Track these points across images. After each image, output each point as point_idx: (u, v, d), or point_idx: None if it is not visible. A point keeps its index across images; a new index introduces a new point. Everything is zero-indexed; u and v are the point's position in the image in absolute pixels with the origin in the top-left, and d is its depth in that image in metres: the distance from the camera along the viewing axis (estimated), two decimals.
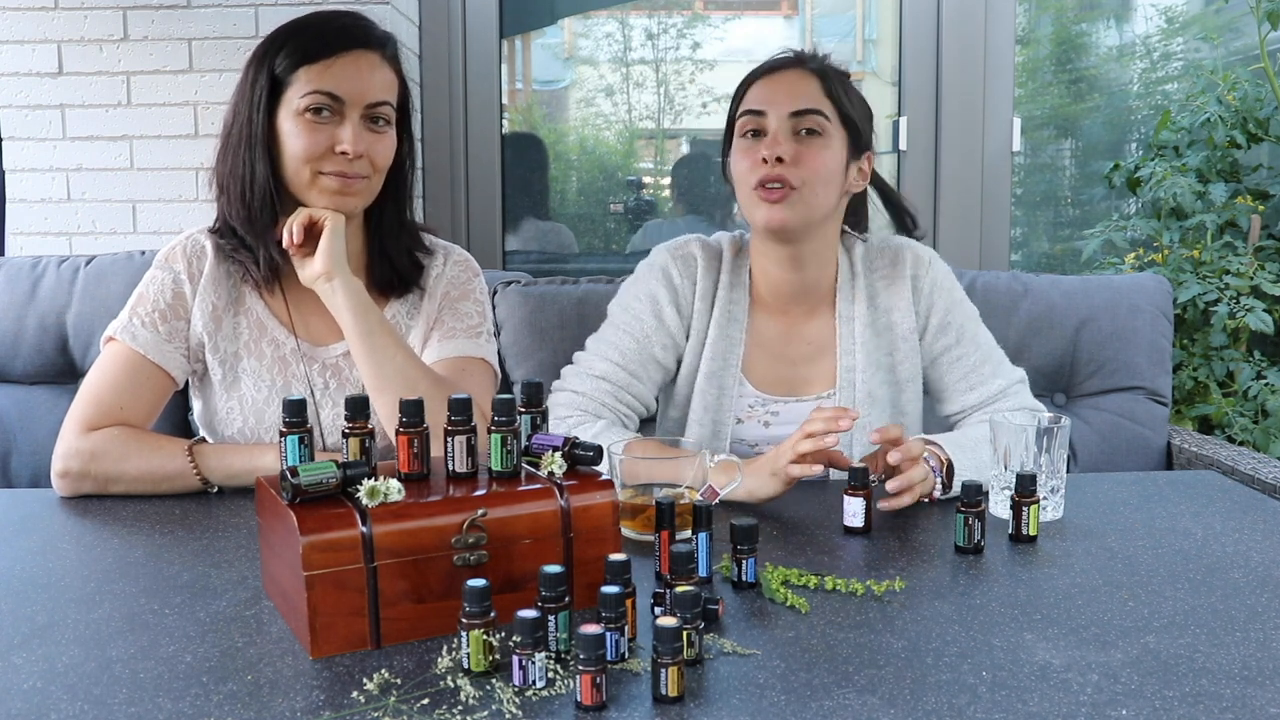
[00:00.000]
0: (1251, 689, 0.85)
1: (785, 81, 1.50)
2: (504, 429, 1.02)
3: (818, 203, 1.48)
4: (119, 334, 1.48)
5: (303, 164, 1.43)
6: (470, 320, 1.56)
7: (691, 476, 1.23)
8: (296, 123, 1.42)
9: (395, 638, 0.94)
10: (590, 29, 3.00)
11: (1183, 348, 2.47)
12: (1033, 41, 3.00)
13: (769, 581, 1.05)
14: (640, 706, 0.82)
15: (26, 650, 0.93)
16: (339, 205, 1.45)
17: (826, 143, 1.47)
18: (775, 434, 1.56)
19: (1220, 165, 2.60)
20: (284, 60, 1.44)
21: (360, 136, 1.43)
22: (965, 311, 1.60)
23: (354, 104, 1.43)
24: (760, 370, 1.58)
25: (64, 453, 1.38)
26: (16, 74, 2.37)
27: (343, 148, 1.42)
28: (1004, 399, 1.55)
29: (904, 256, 1.59)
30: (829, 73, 1.51)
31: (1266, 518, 1.30)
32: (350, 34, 1.45)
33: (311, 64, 1.42)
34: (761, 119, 1.48)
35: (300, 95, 1.42)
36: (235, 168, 1.46)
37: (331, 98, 1.42)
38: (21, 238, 2.41)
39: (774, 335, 1.60)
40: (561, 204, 2.96)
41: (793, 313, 1.60)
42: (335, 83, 1.42)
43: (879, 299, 1.58)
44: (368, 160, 1.45)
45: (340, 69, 1.43)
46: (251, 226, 1.47)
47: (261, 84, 1.44)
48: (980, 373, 1.57)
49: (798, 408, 1.57)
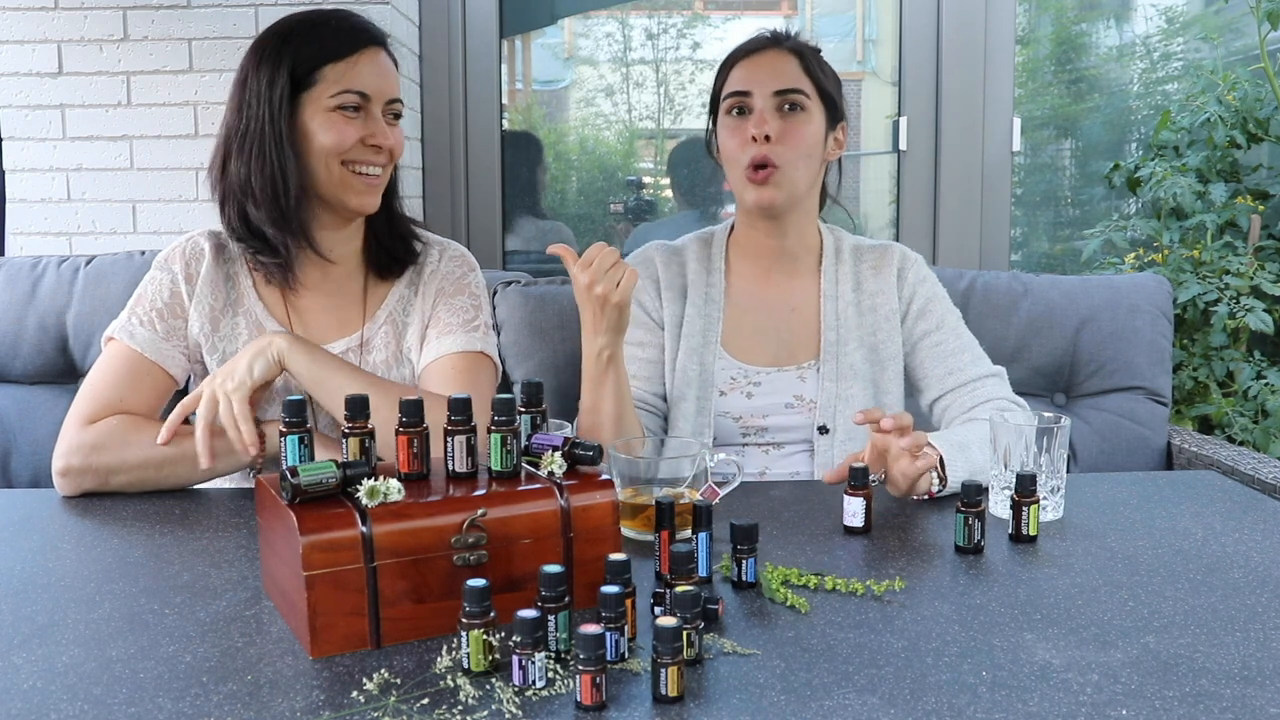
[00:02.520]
0: (1251, 689, 0.85)
1: (766, 61, 1.58)
2: (504, 429, 1.02)
3: (800, 177, 1.58)
4: (118, 333, 1.48)
5: (334, 157, 1.45)
6: (465, 314, 1.56)
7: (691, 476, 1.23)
8: (327, 118, 1.45)
9: (395, 638, 0.94)
10: (590, 29, 3.00)
11: (1183, 348, 2.47)
12: (1033, 41, 3.00)
13: (769, 581, 1.05)
14: (640, 706, 0.82)
15: (26, 650, 0.93)
16: (368, 205, 1.50)
17: (808, 117, 1.57)
18: (758, 404, 1.62)
19: (1220, 165, 2.60)
20: (306, 59, 1.45)
21: (388, 133, 1.49)
22: (947, 306, 1.68)
23: (378, 100, 1.48)
24: (741, 342, 1.64)
25: (65, 450, 1.38)
26: (16, 74, 2.37)
27: (376, 140, 1.47)
28: (981, 385, 1.59)
29: (893, 251, 1.69)
30: (805, 50, 1.61)
31: (1266, 518, 1.30)
32: (367, 32, 1.50)
33: (336, 62, 1.45)
34: (747, 98, 1.57)
35: (330, 94, 1.44)
36: (264, 168, 1.44)
37: (361, 96, 1.46)
38: (21, 238, 2.41)
39: (755, 303, 1.66)
40: (561, 204, 2.96)
41: (774, 277, 1.67)
42: (363, 80, 1.46)
43: (865, 284, 1.66)
44: (388, 153, 1.50)
45: (364, 67, 1.47)
46: (286, 226, 1.46)
47: (282, 83, 1.44)
48: (959, 359, 1.62)
49: (780, 378, 1.62)
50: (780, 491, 1.42)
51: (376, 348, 1.55)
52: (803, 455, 1.63)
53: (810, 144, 1.57)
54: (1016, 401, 1.59)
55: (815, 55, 1.61)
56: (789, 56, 1.58)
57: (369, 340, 1.55)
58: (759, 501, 1.36)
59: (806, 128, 1.56)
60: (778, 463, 1.63)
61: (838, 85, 1.64)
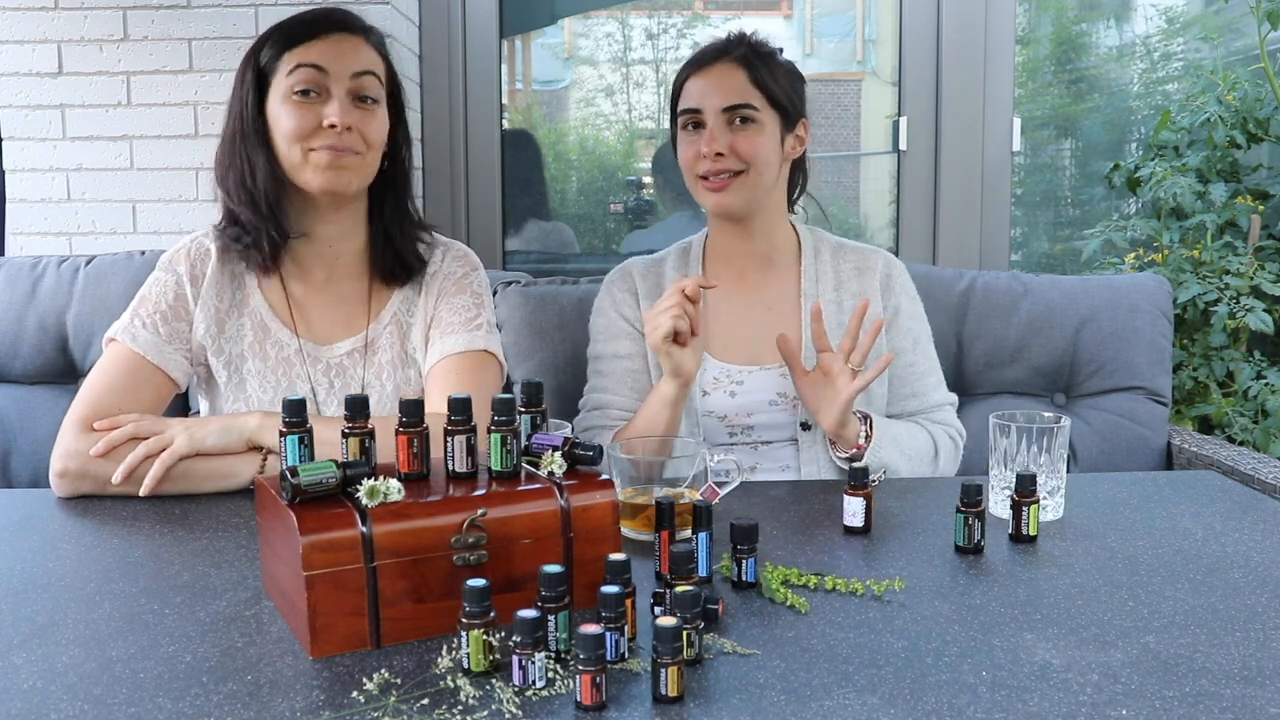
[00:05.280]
0: (1251, 689, 0.85)
1: (715, 76, 1.60)
2: (504, 429, 1.02)
3: (760, 182, 1.61)
4: (120, 335, 1.48)
5: (293, 142, 1.44)
6: (467, 313, 1.56)
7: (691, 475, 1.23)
8: (285, 105, 1.44)
9: (395, 638, 0.94)
10: (590, 29, 3.00)
11: (1183, 348, 2.47)
12: (1033, 41, 3.00)
13: (769, 581, 1.05)
14: (640, 706, 0.82)
15: (26, 650, 0.93)
16: (332, 181, 1.46)
17: (759, 129, 1.59)
18: (742, 403, 1.63)
19: (1220, 165, 2.60)
20: (269, 51, 1.46)
21: (348, 110, 1.45)
22: (923, 325, 1.72)
23: (338, 77, 1.45)
24: (721, 343, 1.66)
25: (62, 453, 1.38)
26: (16, 74, 2.37)
27: (330, 120, 1.43)
28: (937, 412, 1.68)
29: (878, 257, 1.72)
30: (753, 60, 1.61)
31: (1266, 518, 1.30)
32: (330, 18, 1.48)
33: (294, 48, 1.45)
34: (698, 115, 1.60)
35: (284, 75, 1.44)
36: (235, 163, 1.47)
37: (316, 69, 1.43)
38: (21, 238, 2.41)
39: (732, 304, 1.68)
40: (561, 204, 2.96)
41: (750, 278, 1.70)
42: (317, 56, 1.44)
43: (847, 284, 1.68)
44: (359, 135, 1.46)
45: (322, 47, 1.45)
46: (256, 210, 1.47)
47: (249, 79, 1.46)
48: (925, 383, 1.68)
49: (762, 375, 1.64)
50: (780, 491, 1.42)
51: (381, 348, 1.55)
52: (791, 449, 1.63)
53: (764, 153, 1.59)
54: (961, 433, 1.69)
55: (766, 61, 1.61)
56: (737, 68, 1.59)
57: (374, 341, 1.55)
58: (759, 501, 1.36)
59: (758, 139, 1.58)
60: (767, 458, 1.63)
61: (793, 85, 1.64)
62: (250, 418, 1.39)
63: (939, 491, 1.43)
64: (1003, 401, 2.07)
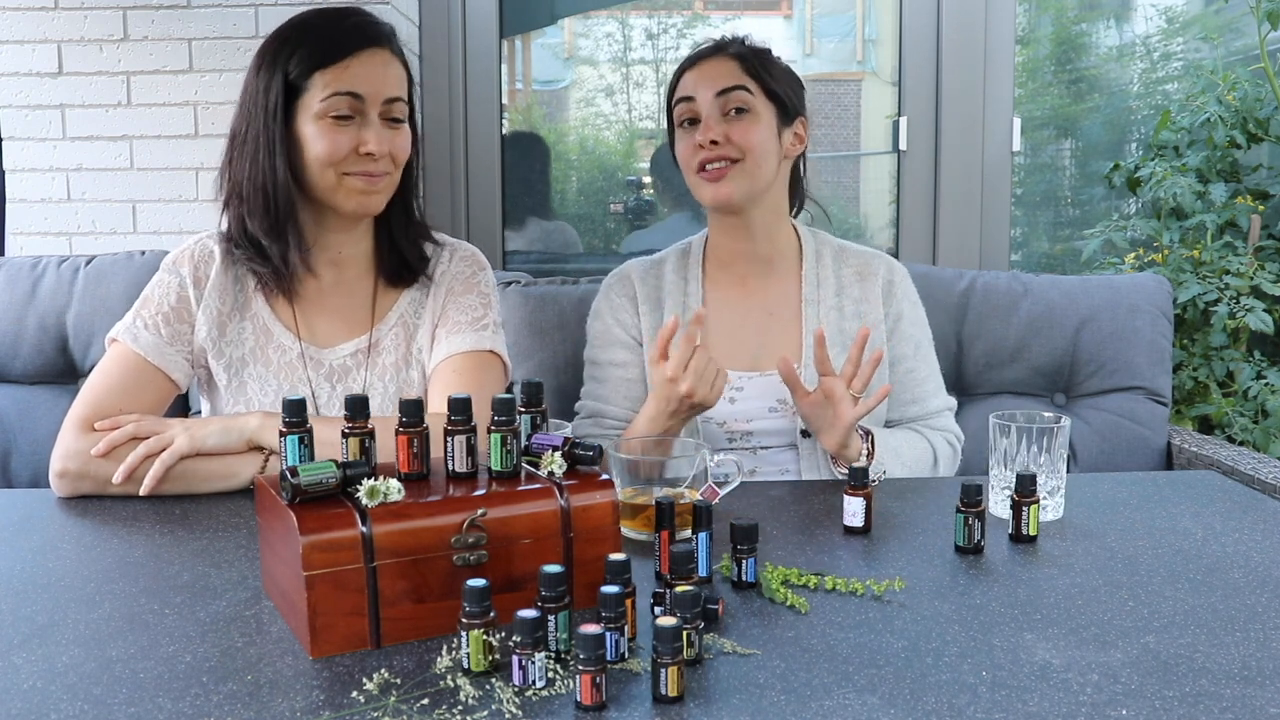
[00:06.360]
0: (1251, 689, 0.85)
1: (709, 67, 1.63)
2: (504, 429, 1.02)
3: (759, 173, 1.60)
4: (122, 335, 1.48)
5: (326, 167, 1.43)
6: (474, 313, 1.56)
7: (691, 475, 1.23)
8: (318, 126, 1.43)
9: (395, 638, 0.94)
10: (590, 29, 3.00)
11: (1183, 348, 2.47)
12: (1033, 41, 3.00)
13: (769, 581, 1.05)
14: (640, 706, 0.82)
15: (26, 650, 0.93)
16: (365, 205, 1.47)
17: (755, 118, 1.60)
18: (741, 409, 1.62)
19: (1220, 165, 2.60)
20: (298, 64, 1.43)
21: (382, 136, 1.45)
22: (925, 331, 1.72)
23: (373, 102, 1.44)
24: (721, 347, 1.64)
25: (62, 453, 1.38)
26: (16, 74, 2.37)
27: (368, 148, 1.43)
28: (937, 418, 1.67)
29: (880, 262, 1.71)
30: (747, 54, 1.63)
31: (1266, 518, 1.30)
32: (362, 32, 1.46)
33: (327, 67, 1.43)
34: (693, 104, 1.61)
35: (320, 99, 1.42)
36: (255, 175, 1.45)
37: (352, 96, 1.42)
38: (21, 238, 2.41)
39: (732, 308, 1.68)
40: (562, 204, 2.96)
41: (750, 282, 1.69)
42: (354, 82, 1.43)
43: (849, 290, 1.68)
44: (389, 158, 1.47)
45: (356, 69, 1.43)
46: (275, 233, 1.46)
47: (276, 89, 1.43)
48: (925, 389, 1.68)
49: (761, 381, 1.63)
50: (780, 491, 1.42)
51: (385, 350, 1.55)
52: (790, 454, 1.63)
53: (761, 141, 1.59)
54: (959, 437, 1.69)
55: (761, 57, 1.63)
56: (730, 61, 1.62)
57: (378, 342, 1.55)
58: (759, 501, 1.36)
59: (754, 128, 1.59)
60: (766, 463, 1.63)
61: (790, 82, 1.66)
62: (251, 418, 1.39)
63: (939, 491, 1.43)
64: (1003, 401, 2.07)
